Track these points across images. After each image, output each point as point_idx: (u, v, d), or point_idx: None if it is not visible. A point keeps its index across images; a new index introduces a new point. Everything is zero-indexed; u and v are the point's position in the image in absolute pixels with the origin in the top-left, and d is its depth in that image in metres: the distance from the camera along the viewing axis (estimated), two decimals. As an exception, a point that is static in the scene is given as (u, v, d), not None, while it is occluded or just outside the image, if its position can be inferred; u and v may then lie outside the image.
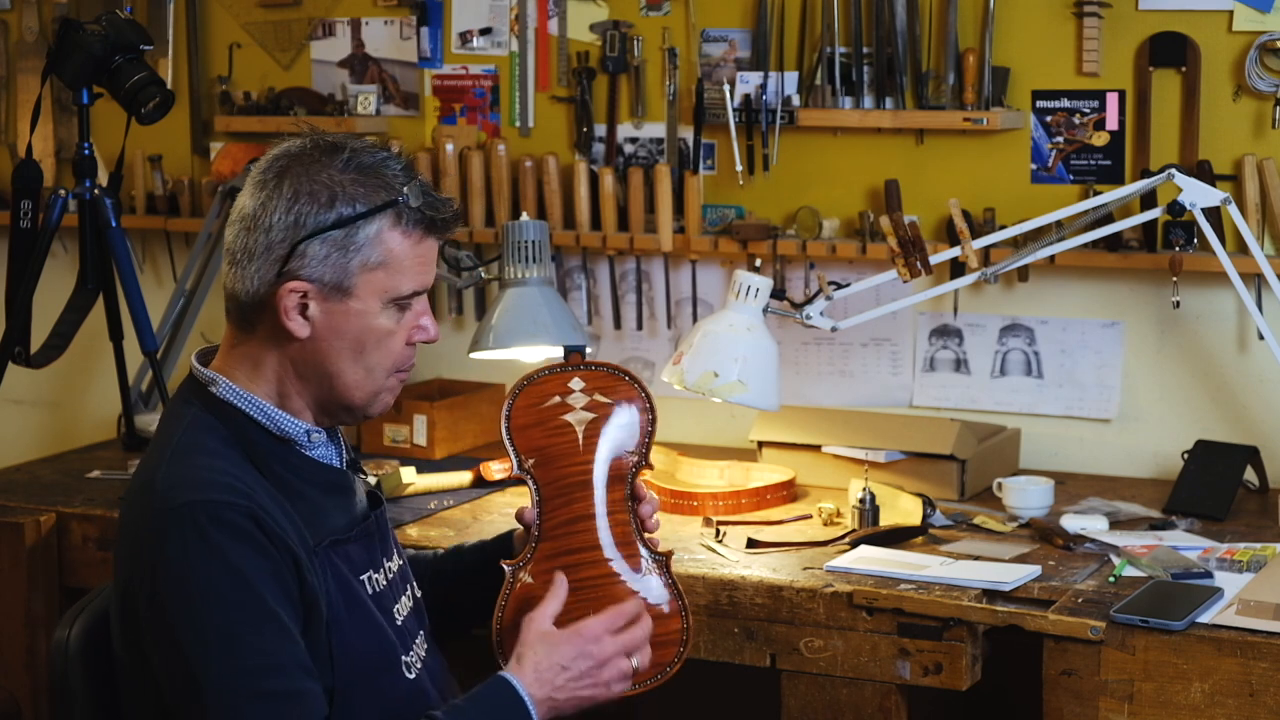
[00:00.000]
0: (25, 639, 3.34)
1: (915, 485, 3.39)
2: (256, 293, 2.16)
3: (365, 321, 2.17)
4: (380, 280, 2.16)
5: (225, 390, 2.20)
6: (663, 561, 2.38)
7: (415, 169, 2.23)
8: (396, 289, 2.18)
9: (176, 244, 4.31)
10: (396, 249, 2.16)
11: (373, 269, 2.15)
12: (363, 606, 2.19)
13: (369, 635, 2.18)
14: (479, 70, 4.06)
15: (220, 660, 2.03)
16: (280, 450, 2.20)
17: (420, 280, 2.20)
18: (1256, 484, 3.42)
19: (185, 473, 2.11)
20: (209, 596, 2.04)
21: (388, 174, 2.17)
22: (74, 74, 3.48)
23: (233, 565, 2.04)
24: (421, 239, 2.18)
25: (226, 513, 2.06)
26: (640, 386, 2.42)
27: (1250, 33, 3.43)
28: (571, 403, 2.38)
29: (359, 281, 2.15)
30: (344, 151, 2.16)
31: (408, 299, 2.20)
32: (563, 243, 3.91)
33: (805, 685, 2.89)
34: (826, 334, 3.47)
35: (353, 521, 2.24)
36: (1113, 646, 2.64)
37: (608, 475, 2.38)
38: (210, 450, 2.14)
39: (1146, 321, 3.61)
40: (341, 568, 2.18)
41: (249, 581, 2.04)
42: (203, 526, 2.05)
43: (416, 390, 3.98)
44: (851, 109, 3.70)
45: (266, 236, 2.14)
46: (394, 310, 2.19)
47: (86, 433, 4.43)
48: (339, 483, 2.26)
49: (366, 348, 2.18)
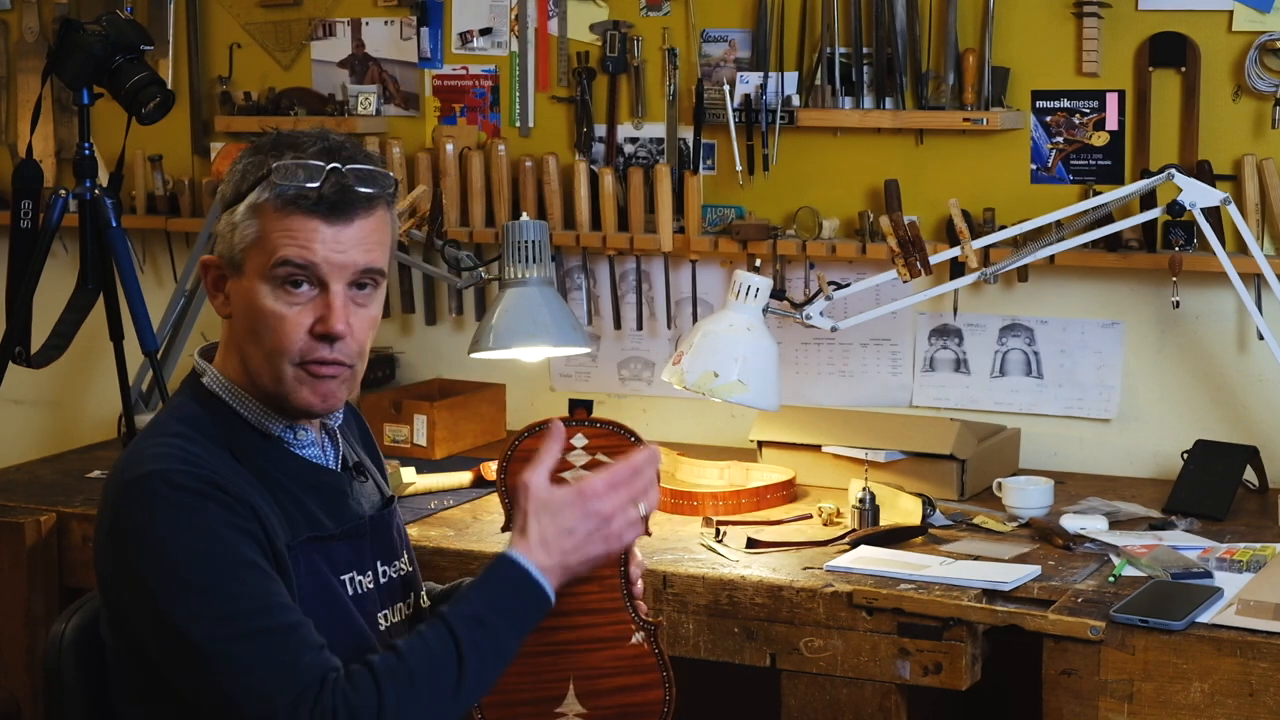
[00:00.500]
0: (25, 639, 3.34)
1: (915, 485, 3.39)
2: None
3: (253, 300, 2.16)
4: (256, 258, 2.16)
5: (212, 381, 2.22)
6: (651, 631, 2.29)
7: (343, 150, 2.18)
8: (268, 264, 2.15)
9: (176, 244, 4.31)
10: (265, 225, 2.15)
11: (250, 244, 2.16)
12: (339, 604, 2.19)
13: (346, 634, 2.17)
14: (479, 70, 4.06)
15: (204, 613, 2.03)
16: (263, 445, 2.20)
17: (295, 253, 2.14)
18: (1256, 484, 3.42)
19: (142, 451, 2.14)
20: (181, 555, 2.04)
21: (290, 154, 2.16)
22: (74, 74, 3.47)
23: (198, 522, 2.05)
24: (287, 214, 2.14)
25: (182, 478, 2.07)
26: (645, 446, 2.29)
27: (1250, 33, 3.43)
28: (571, 460, 2.28)
29: (244, 258, 2.17)
30: (274, 137, 2.21)
31: (280, 272, 2.15)
32: (563, 243, 3.91)
33: (805, 685, 2.89)
34: (826, 334, 3.47)
35: (340, 520, 2.24)
36: (1112, 646, 2.64)
37: None
38: (175, 432, 2.17)
39: (1146, 321, 3.61)
40: (320, 565, 2.18)
41: (218, 534, 2.05)
42: (162, 492, 2.07)
43: (416, 390, 3.98)
44: (851, 109, 3.70)
45: (214, 217, 2.25)
46: (280, 291, 2.15)
47: (86, 433, 4.43)
48: (327, 483, 2.25)
49: (258, 330, 2.17)
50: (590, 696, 2.27)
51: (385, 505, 2.34)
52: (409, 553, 2.37)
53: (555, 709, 2.27)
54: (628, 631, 2.28)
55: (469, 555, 3.12)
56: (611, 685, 2.27)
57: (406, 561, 2.35)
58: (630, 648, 2.28)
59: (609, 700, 2.27)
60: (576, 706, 2.27)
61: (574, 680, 2.27)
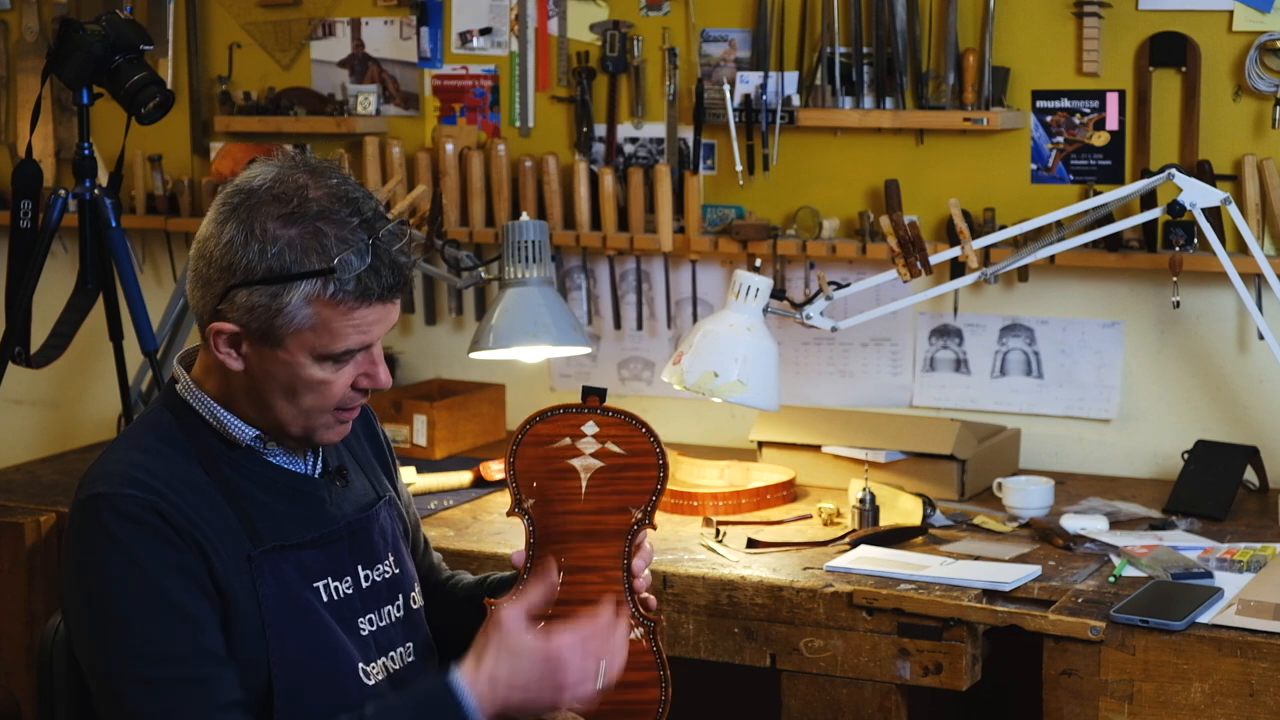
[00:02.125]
0: (25, 639, 3.35)
1: (915, 485, 3.39)
2: (201, 318, 2.17)
3: (295, 372, 2.14)
4: (309, 340, 2.12)
5: (185, 390, 2.22)
6: (650, 628, 2.27)
7: (381, 220, 2.13)
8: (328, 349, 2.13)
9: (176, 244, 4.31)
10: (325, 315, 2.11)
11: (300, 331, 2.11)
12: (310, 614, 2.17)
13: (315, 643, 2.17)
14: (479, 70, 4.06)
15: (117, 648, 2.06)
16: (230, 453, 2.20)
17: (360, 340, 2.14)
18: (1256, 484, 3.42)
19: (105, 465, 2.16)
20: (108, 586, 2.07)
21: (332, 232, 2.09)
22: (74, 74, 3.47)
23: (131, 556, 2.07)
24: (355, 307, 2.12)
25: (128, 505, 2.08)
26: (656, 442, 2.29)
27: (1250, 33, 3.43)
28: (581, 447, 2.27)
29: (287, 338, 2.12)
30: (291, 201, 2.09)
31: (343, 358, 2.15)
32: (563, 243, 3.91)
33: (805, 685, 2.89)
34: (826, 334, 3.47)
35: (313, 527, 2.23)
36: (1113, 646, 2.64)
37: (607, 530, 2.26)
38: (143, 446, 2.17)
39: (1146, 321, 3.61)
40: (288, 573, 2.17)
41: (148, 572, 2.07)
42: (104, 518, 2.08)
43: (416, 390, 3.98)
44: (851, 109, 3.70)
45: (208, 270, 2.13)
46: (329, 364, 2.15)
47: (86, 433, 4.43)
48: (298, 488, 2.24)
49: (299, 392, 2.16)
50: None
51: (368, 507, 2.31)
52: (397, 554, 2.33)
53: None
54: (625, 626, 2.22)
55: (469, 555, 3.12)
56: (609, 681, 2.21)
57: (393, 564, 2.31)
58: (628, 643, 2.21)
59: (606, 696, 2.18)
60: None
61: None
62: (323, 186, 2.12)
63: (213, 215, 2.15)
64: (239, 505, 2.16)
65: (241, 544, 2.14)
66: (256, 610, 2.13)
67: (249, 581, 2.13)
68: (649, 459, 2.28)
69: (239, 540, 2.14)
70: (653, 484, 2.27)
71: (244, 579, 2.13)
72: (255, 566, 2.14)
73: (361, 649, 2.22)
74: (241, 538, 2.14)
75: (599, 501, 2.27)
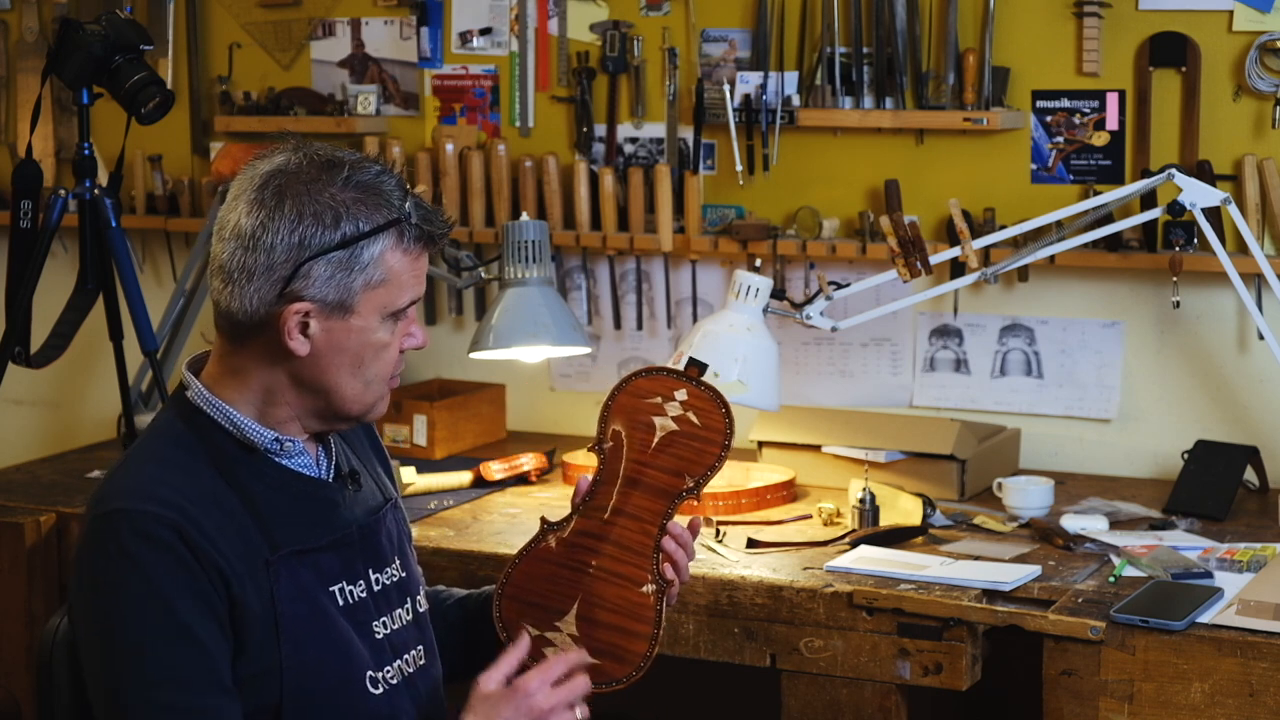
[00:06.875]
0: (26, 639, 3.35)
1: (915, 485, 3.39)
2: (255, 312, 2.15)
3: (365, 337, 2.19)
4: (381, 297, 2.18)
5: (197, 395, 2.21)
6: (662, 587, 2.38)
7: (407, 182, 2.25)
8: (395, 303, 2.20)
9: (176, 244, 4.31)
10: (397, 265, 2.18)
11: (375, 287, 2.17)
12: (325, 618, 2.18)
13: (329, 648, 2.17)
14: (479, 70, 4.06)
15: (124, 669, 2.06)
16: (246, 457, 2.19)
17: (416, 291, 2.23)
18: (1256, 484, 3.42)
19: (126, 481, 2.14)
20: (121, 606, 2.06)
21: (386, 191, 2.18)
22: (74, 74, 3.47)
23: (147, 577, 2.06)
24: (420, 254, 2.21)
25: (149, 524, 2.07)
26: (729, 425, 2.43)
27: (1250, 33, 3.43)
28: (667, 409, 2.42)
29: (361, 299, 2.17)
30: (342, 169, 2.16)
31: (408, 310, 2.23)
32: (563, 243, 3.91)
33: (805, 685, 2.89)
34: (826, 334, 3.47)
35: (328, 531, 2.23)
36: (1113, 646, 2.64)
37: (658, 486, 2.41)
38: (163, 459, 2.16)
39: (1146, 321, 3.61)
40: (305, 577, 2.17)
41: (162, 594, 2.06)
42: (123, 537, 2.07)
43: (416, 390, 3.98)
44: (851, 109, 3.70)
45: (269, 257, 2.13)
46: (391, 322, 2.21)
47: (86, 433, 4.43)
48: (314, 492, 2.24)
49: (365, 361, 2.21)
50: (586, 622, 2.36)
51: (375, 511, 2.32)
52: (403, 557, 2.35)
53: (555, 621, 2.36)
54: (643, 578, 2.37)
55: (469, 555, 3.12)
56: (609, 620, 2.35)
57: (399, 566, 2.32)
58: (638, 595, 2.36)
59: (601, 634, 2.35)
60: (571, 626, 2.36)
61: (580, 601, 2.36)
62: (344, 154, 2.19)
63: (253, 205, 2.14)
64: (256, 510, 2.16)
65: (260, 550, 2.14)
66: (272, 616, 2.13)
67: (266, 586, 2.13)
68: (716, 437, 2.42)
69: (257, 547, 2.14)
70: (712, 460, 2.42)
71: (260, 585, 2.13)
72: (272, 571, 2.14)
73: (375, 653, 2.23)
74: (260, 544, 2.14)
75: (661, 460, 2.41)
